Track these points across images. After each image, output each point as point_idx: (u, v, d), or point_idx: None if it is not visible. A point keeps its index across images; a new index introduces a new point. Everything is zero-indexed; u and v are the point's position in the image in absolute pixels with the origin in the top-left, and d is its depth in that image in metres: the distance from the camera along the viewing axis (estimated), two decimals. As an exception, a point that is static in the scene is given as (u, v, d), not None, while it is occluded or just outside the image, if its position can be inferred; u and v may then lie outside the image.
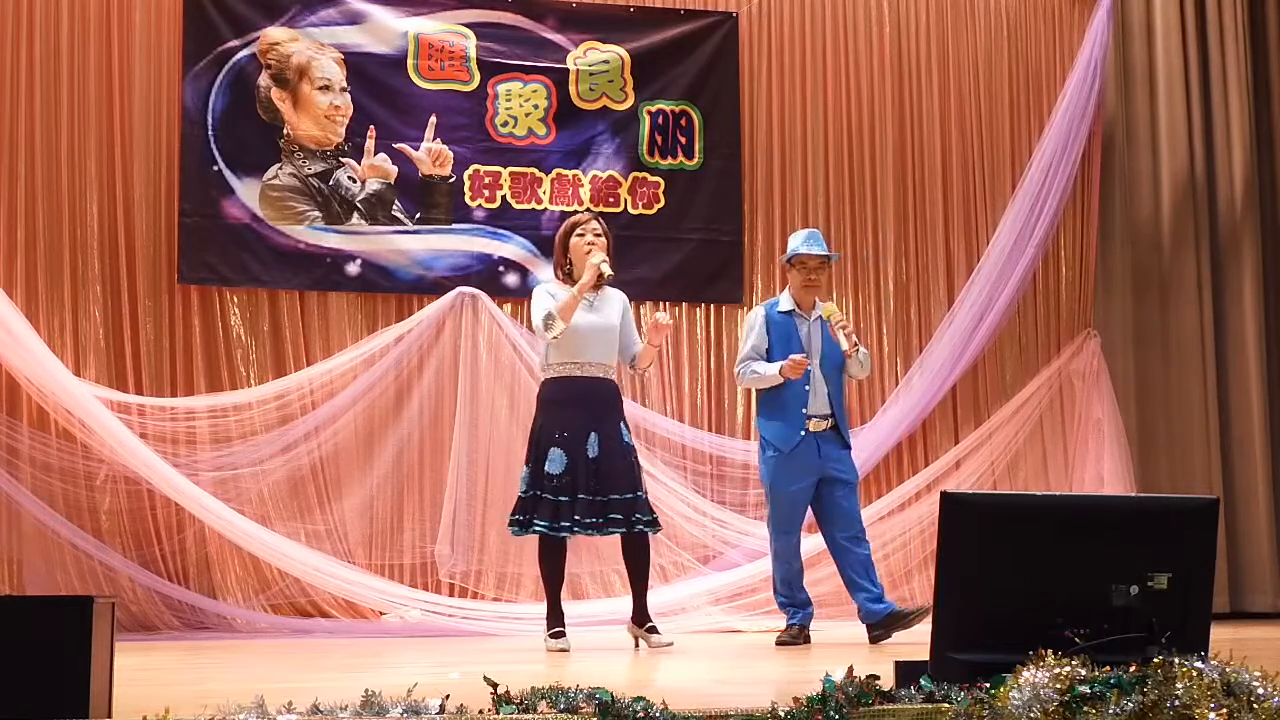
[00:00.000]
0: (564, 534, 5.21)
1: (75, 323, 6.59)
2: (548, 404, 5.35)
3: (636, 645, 5.38)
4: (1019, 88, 7.88)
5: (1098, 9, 7.76)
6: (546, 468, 5.18)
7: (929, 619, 5.51)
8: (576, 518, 5.14)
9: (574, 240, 5.42)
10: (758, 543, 6.91)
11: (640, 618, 5.39)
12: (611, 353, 5.42)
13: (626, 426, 5.40)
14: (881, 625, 5.54)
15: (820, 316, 5.70)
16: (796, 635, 5.62)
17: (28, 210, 6.58)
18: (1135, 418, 7.66)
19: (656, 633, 5.37)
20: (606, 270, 5.32)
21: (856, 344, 5.65)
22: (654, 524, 5.36)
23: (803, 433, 5.64)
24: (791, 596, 5.72)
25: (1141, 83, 7.95)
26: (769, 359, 5.73)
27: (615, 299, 5.49)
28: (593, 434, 5.23)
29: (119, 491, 6.43)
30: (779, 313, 5.81)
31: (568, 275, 5.44)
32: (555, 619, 5.30)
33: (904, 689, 2.73)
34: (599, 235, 5.42)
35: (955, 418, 7.60)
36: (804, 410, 5.64)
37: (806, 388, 5.64)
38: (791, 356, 5.58)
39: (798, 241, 5.85)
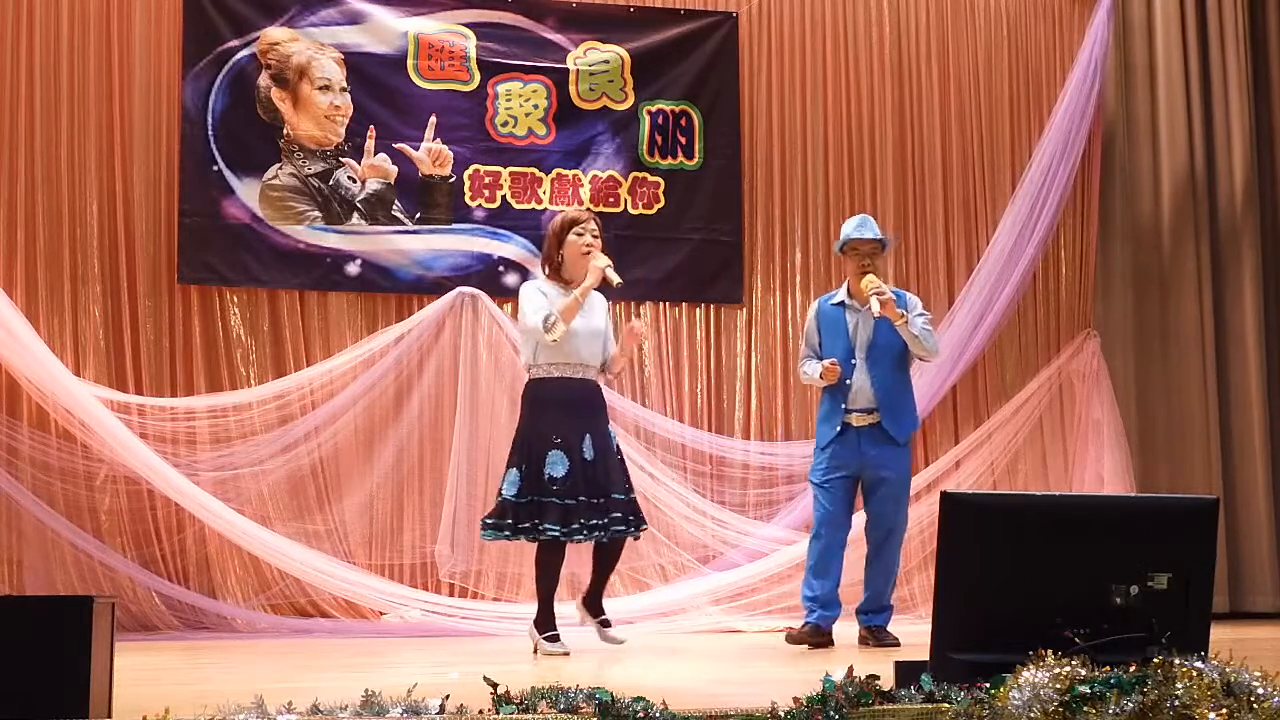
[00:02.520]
0: (576, 538, 5.12)
1: (75, 323, 6.58)
2: (539, 405, 5.21)
3: (582, 622, 5.37)
4: (1019, 87, 7.87)
5: (1098, 8, 7.75)
6: (548, 470, 5.06)
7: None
8: (582, 522, 5.06)
9: (571, 237, 5.28)
10: (758, 543, 6.92)
11: (595, 607, 5.35)
12: (599, 355, 5.35)
13: (611, 428, 5.33)
14: (862, 638, 5.56)
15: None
16: (809, 634, 5.46)
17: (27, 210, 6.58)
18: (1135, 417, 7.66)
19: (609, 625, 5.33)
20: (615, 279, 5.19)
21: (904, 315, 5.47)
22: (642, 524, 5.33)
23: (839, 428, 5.55)
24: (813, 590, 5.54)
25: (1142, 81, 7.95)
26: (821, 353, 5.67)
27: (599, 301, 5.39)
28: (587, 436, 5.15)
29: (119, 491, 6.43)
30: (830, 305, 5.73)
31: (556, 271, 5.33)
32: (550, 622, 5.18)
33: (904, 689, 2.73)
34: (597, 236, 5.32)
35: (955, 418, 7.59)
36: (844, 405, 5.55)
37: (848, 381, 5.55)
38: (825, 362, 5.54)
39: (849, 228, 5.70)
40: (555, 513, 5.03)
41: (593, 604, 5.36)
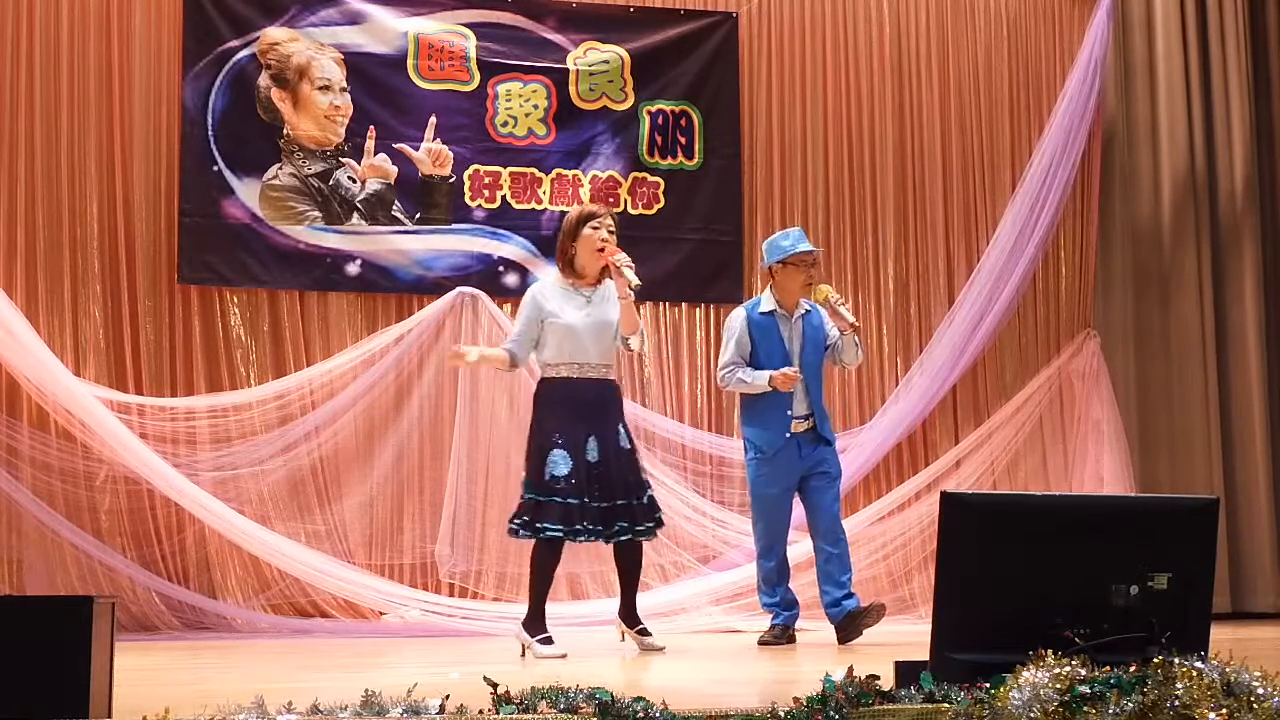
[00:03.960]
0: (577, 538, 5.06)
1: (75, 323, 6.58)
2: (544, 405, 5.17)
3: (623, 638, 5.34)
4: (1019, 88, 7.88)
5: (1098, 8, 7.75)
6: (550, 470, 5.00)
7: (883, 616, 5.57)
8: (586, 524, 5.01)
9: (586, 231, 5.19)
10: (757, 543, 6.91)
11: (631, 618, 5.33)
12: (611, 351, 5.24)
13: (625, 429, 5.23)
14: (842, 628, 5.54)
15: (804, 313, 5.68)
16: (779, 635, 5.64)
17: (28, 210, 6.58)
18: (1135, 418, 7.66)
19: (649, 634, 5.32)
20: (635, 281, 5.05)
21: (855, 324, 5.64)
22: (657, 527, 5.28)
23: (787, 435, 5.62)
24: (775, 596, 5.71)
25: (1142, 81, 7.95)
26: (753, 361, 5.68)
27: (610, 293, 5.22)
28: (591, 438, 5.07)
29: (119, 491, 6.43)
30: (760, 314, 5.74)
31: (569, 265, 5.25)
32: (541, 624, 5.09)
33: (904, 689, 2.73)
34: (613, 232, 5.22)
35: (955, 418, 7.59)
36: (789, 412, 5.62)
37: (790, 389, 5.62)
38: (784, 370, 5.53)
39: (792, 240, 5.76)
40: (556, 511, 4.98)
41: (628, 616, 5.33)
